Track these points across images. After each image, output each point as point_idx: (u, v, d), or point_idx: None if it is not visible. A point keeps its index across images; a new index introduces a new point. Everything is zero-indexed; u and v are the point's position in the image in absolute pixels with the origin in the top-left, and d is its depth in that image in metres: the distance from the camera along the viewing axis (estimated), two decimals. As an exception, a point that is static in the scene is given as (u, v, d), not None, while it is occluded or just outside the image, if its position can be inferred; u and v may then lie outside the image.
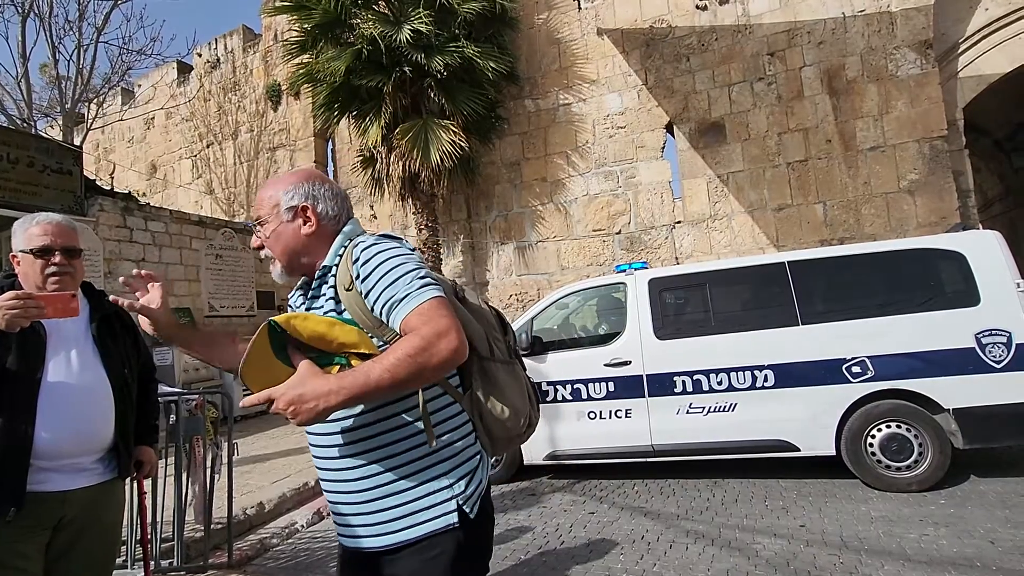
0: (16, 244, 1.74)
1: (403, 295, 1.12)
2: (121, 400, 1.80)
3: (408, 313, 1.10)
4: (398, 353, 1.06)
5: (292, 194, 1.30)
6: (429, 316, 1.09)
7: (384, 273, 1.15)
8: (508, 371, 1.33)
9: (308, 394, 1.04)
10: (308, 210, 1.29)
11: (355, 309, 1.19)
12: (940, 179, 6.64)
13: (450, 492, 1.19)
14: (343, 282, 1.21)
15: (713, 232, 7.66)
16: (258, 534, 3.81)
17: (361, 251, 1.19)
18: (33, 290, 1.65)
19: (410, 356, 1.05)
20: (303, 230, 1.29)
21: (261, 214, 1.32)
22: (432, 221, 8.52)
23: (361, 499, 1.20)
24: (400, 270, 1.15)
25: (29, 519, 1.57)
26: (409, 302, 1.11)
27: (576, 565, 3.08)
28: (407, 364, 1.05)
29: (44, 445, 1.60)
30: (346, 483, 1.22)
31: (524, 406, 1.34)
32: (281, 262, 1.32)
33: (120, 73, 11.34)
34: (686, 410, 4.16)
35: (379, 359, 1.07)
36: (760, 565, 2.91)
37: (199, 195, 12.23)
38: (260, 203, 1.33)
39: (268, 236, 1.31)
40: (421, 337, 1.06)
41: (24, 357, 1.61)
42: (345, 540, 1.27)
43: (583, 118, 8.48)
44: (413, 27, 7.62)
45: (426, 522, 1.17)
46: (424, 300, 1.11)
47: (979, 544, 2.94)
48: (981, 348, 3.63)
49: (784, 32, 7.36)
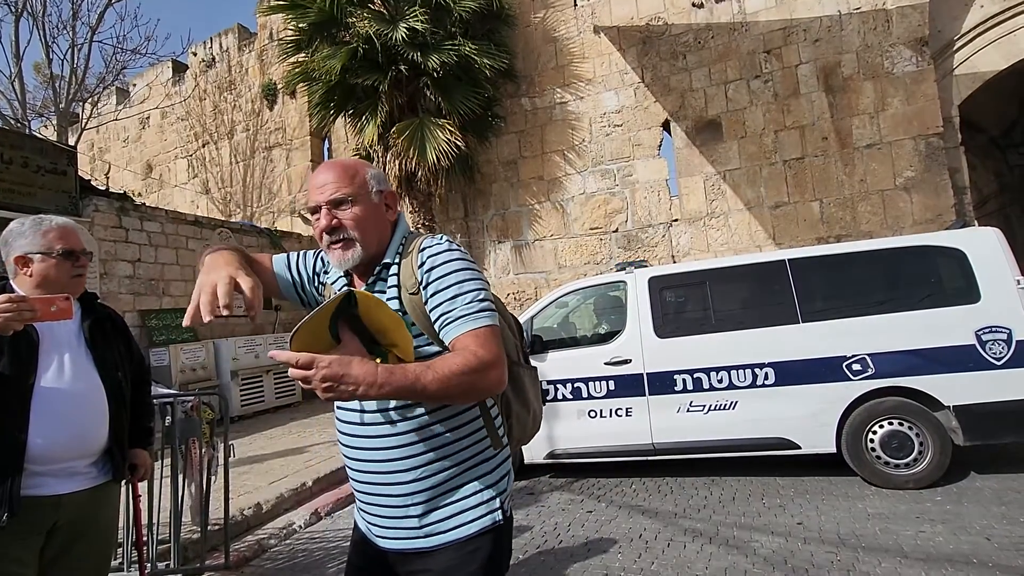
0: (25, 246, 1.72)
1: (462, 314, 1.12)
2: (115, 403, 1.79)
3: (463, 333, 1.11)
4: (453, 366, 1.05)
5: (379, 177, 1.27)
6: (485, 342, 1.10)
7: (449, 285, 1.15)
8: (531, 375, 1.37)
9: (352, 376, 0.99)
10: (393, 197, 1.30)
11: (418, 314, 1.17)
12: (936, 176, 6.65)
13: (496, 490, 1.21)
14: (407, 285, 1.18)
15: (710, 230, 7.67)
16: (256, 535, 3.80)
17: (429, 257, 1.18)
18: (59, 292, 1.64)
19: (464, 373, 1.05)
20: (387, 215, 1.28)
21: (347, 191, 1.20)
22: (429, 220, 8.51)
23: (416, 500, 1.18)
24: (465, 286, 1.15)
25: (23, 524, 1.56)
26: (466, 323, 1.11)
27: (574, 564, 3.08)
28: (459, 379, 1.05)
29: (38, 449, 1.59)
30: (398, 485, 1.18)
31: (539, 410, 1.39)
32: (366, 247, 1.22)
33: (115, 72, 11.28)
34: (687, 408, 4.16)
35: (432, 365, 1.05)
36: (758, 563, 2.91)
37: (195, 195, 12.19)
38: (338, 181, 1.21)
39: (356, 216, 1.20)
40: (478, 358, 1.07)
41: (17, 361, 1.60)
42: (381, 541, 1.22)
43: (580, 116, 8.47)
44: (409, 25, 7.60)
45: (476, 520, 1.18)
46: (481, 326, 1.12)
47: (975, 540, 2.94)
48: (981, 345, 3.64)
49: (780, 30, 7.37)
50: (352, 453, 1.24)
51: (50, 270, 1.73)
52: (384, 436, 1.19)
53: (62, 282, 1.74)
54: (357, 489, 1.26)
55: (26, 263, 1.72)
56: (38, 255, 1.72)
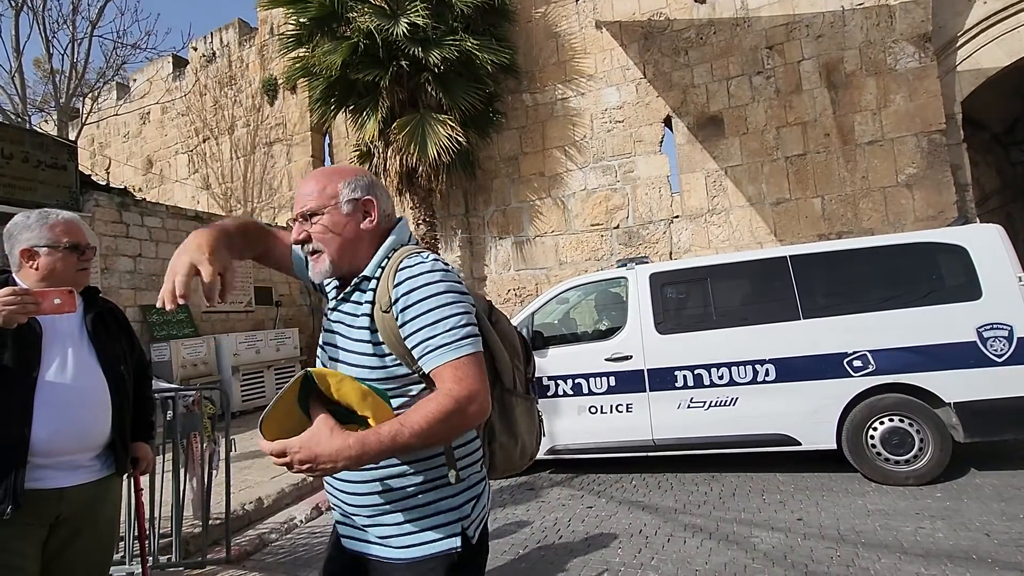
0: (32, 240, 1.72)
1: (441, 343, 1.08)
2: (118, 397, 1.80)
3: (443, 364, 1.08)
4: (428, 415, 1.03)
5: (354, 185, 1.24)
6: (464, 375, 1.07)
7: (427, 310, 1.10)
8: (526, 406, 1.31)
9: (324, 456, 1.00)
10: (372, 204, 1.24)
11: (388, 333, 1.14)
12: (938, 173, 6.64)
13: (457, 515, 1.17)
14: (381, 302, 1.15)
15: (711, 226, 7.66)
16: (257, 529, 3.81)
17: (407, 278, 1.13)
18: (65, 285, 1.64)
19: (440, 420, 1.03)
20: (363, 224, 1.23)
21: (312, 205, 1.21)
22: (430, 216, 8.49)
23: (370, 512, 1.19)
24: (444, 312, 1.10)
25: (26, 517, 1.57)
26: (446, 353, 1.08)
27: (574, 559, 3.08)
28: (436, 428, 1.03)
29: (41, 442, 1.59)
30: (356, 496, 1.19)
31: (531, 444, 1.33)
32: (331, 258, 1.21)
33: (115, 67, 11.24)
34: (687, 404, 4.16)
35: (406, 419, 1.03)
36: (758, 558, 2.92)
37: (196, 190, 12.18)
38: (310, 194, 1.22)
39: (323, 228, 1.21)
40: (454, 400, 1.04)
41: (21, 354, 1.60)
42: (345, 541, 1.25)
43: (581, 112, 8.45)
44: (410, 20, 7.57)
45: (430, 543, 1.15)
46: (461, 355, 1.08)
47: (975, 537, 2.95)
48: (982, 342, 3.64)
49: (783, 25, 7.34)
50: None
51: (56, 263, 1.73)
52: None
53: (68, 275, 1.74)
54: (330, 491, 1.26)
55: (32, 256, 1.72)
56: (45, 248, 1.72)
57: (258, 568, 3.26)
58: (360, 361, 1.17)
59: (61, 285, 1.64)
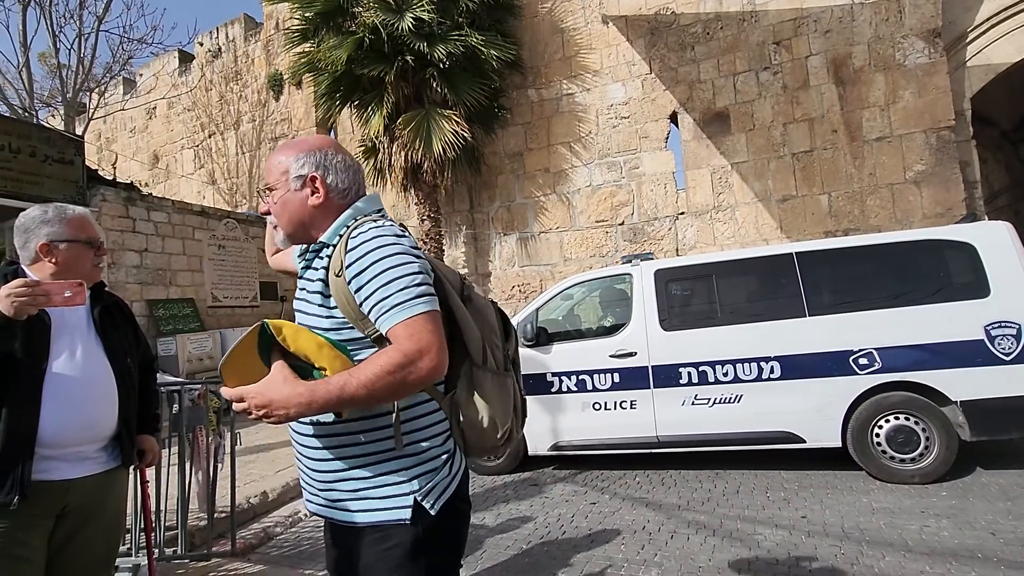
0: (52, 234, 1.72)
1: (395, 303, 1.09)
2: (124, 389, 1.81)
3: (396, 323, 1.09)
4: (376, 368, 1.05)
5: (303, 162, 1.26)
6: (415, 331, 1.08)
7: (378, 272, 1.11)
8: (497, 382, 1.28)
9: (278, 401, 1.06)
10: (317, 180, 1.25)
11: (341, 297, 1.16)
12: (947, 170, 6.58)
13: (408, 487, 1.18)
14: (334, 266, 1.18)
15: (716, 223, 7.62)
16: (262, 523, 3.84)
17: (358, 242, 1.15)
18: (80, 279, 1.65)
19: (389, 372, 1.05)
20: (310, 200, 1.25)
21: (270, 181, 1.30)
22: (434, 212, 8.50)
23: (322, 477, 1.23)
24: (395, 272, 1.11)
25: (33, 508, 1.58)
26: (399, 312, 1.09)
27: (578, 554, 3.09)
28: (385, 380, 1.05)
29: (49, 434, 1.60)
30: (315, 460, 1.24)
31: (507, 419, 1.30)
32: (284, 231, 1.31)
33: (121, 62, 11.27)
34: (691, 401, 4.15)
35: (356, 371, 1.06)
36: (761, 556, 2.91)
37: (201, 185, 12.22)
38: (269, 169, 1.30)
39: (275, 203, 1.29)
40: (403, 353, 1.05)
41: (29, 346, 1.61)
42: (311, 505, 1.30)
43: (586, 108, 8.42)
44: (415, 15, 7.55)
45: (378, 511, 1.18)
46: (415, 313, 1.09)
47: (980, 536, 2.94)
48: (990, 340, 3.61)
49: (790, 20, 7.28)
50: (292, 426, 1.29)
51: (76, 258, 1.75)
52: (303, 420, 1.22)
53: (84, 270, 1.76)
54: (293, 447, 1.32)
55: (51, 251, 1.73)
56: (65, 243, 1.73)
57: (263, 561, 3.28)
58: (315, 323, 1.20)
59: (76, 279, 1.65)
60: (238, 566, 3.12)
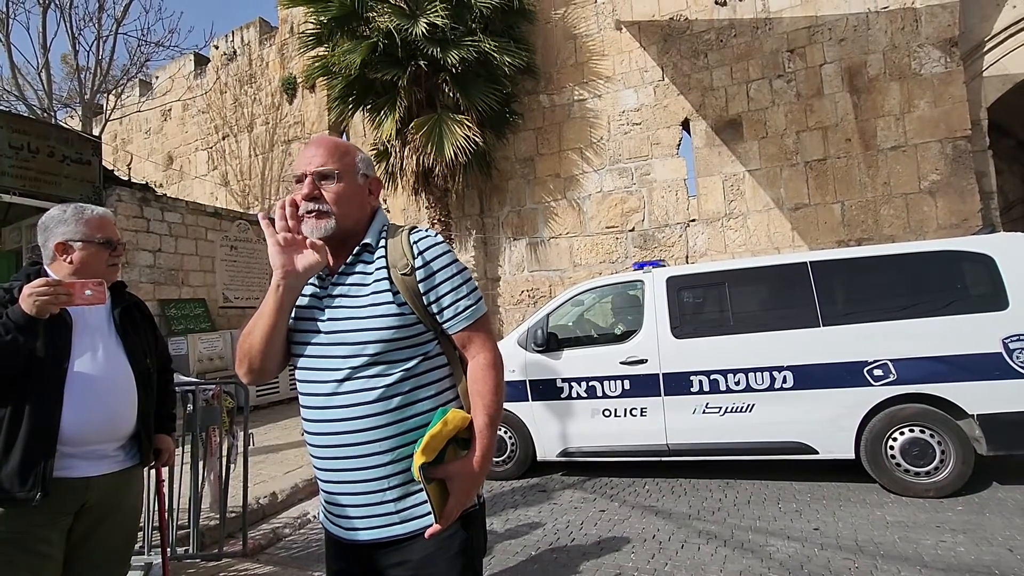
0: (67, 233, 1.75)
1: (469, 304, 1.25)
2: (143, 389, 1.82)
3: (473, 322, 1.25)
4: (490, 376, 1.23)
5: (368, 162, 1.35)
6: (486, 336, 1.26)
7: (452, 275, 1.25)
8: None
9: (472, 489, 1.19)
10: (378, 184, 1.38)
11: (409, 294, 1.23)
12: (962, 180, 6.51)
13: None
14: (398, 265, 1.24)
15: (728, 231, 7.59)
16: (271, 523, 3.85)
17: (427, 246, 1.26)
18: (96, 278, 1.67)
19: (498, 369, 1.25)
20: (369, 200, 1.34)
21: (332, 167, 1.25)
22: (445, 216, 8.52)
23: (393, 482, 1.18)
24: (463, 276, 1.27)
25: (53, 505, 1.60)
26: (474, 314, 1.25)
27: (587, 562, 3.07)
28: (500, 377, 1.24)
29: (70, 432, 1.62)
30: (374, 468, 1.18)
31: None
32: (341, 221, 1.25)
33: (138, 64, 11.42)
34: (702, 410, 4.12)
35: (479, 394, 1.22)
36: (773, 567, 2.88)
37: (214, 187, 12.33)
38: (329, 155, 1.26)
39: (338, 192, 1.25)
40: (493, 349, 1.26)
41: (52, 345, 1.63)
42: (354, 533, 1.21)
43: (598, 114, 8.42)
44: (429, 20, 7.60)
45: None
46: (482, 314, 1.27)
47: (997, 552, 2.89)
48: (1008, 353, 3.56)
49: (805, 28, 7.25)
50: (321, 439, 1.22)
51: (90, 257, 1.77)
52: (360, 404, 1.18)
53: (100, 269, 1.78)
54: (326, 479, 1.23)
55: (67, 250, 1.75)
56: (79, 243, 1.75)
57: (272, 562, 3.28)
58: (380, 322, 1.20)
59: (92, 278, 1.67)
60: (248, 566, 3.13)
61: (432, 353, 1.25)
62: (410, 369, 1.21)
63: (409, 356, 1.21)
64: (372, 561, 1.21)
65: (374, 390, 1.18)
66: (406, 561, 1.19)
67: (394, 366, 1.19)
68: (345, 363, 1.19)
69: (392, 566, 1.20)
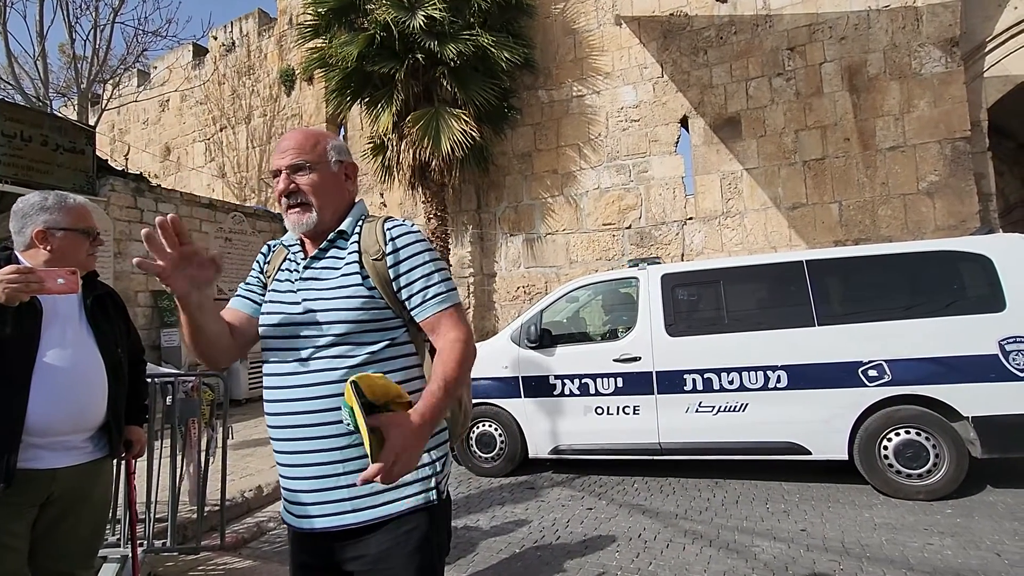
0: (49, 221, 1.71)
1: (440, 292, 1.23)
2: (113, 379, 1.79)
3: (442, 311, 1.23)
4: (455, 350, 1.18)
5: (340, 148, 1.32)
6: (458, 319, 1.23)
7: (422, 263, 1.24)
8: None
9: (409, 451, 1.04)
10: (354, 168, 1.35)
11: (380, 280, 1.23)
12: (961, 181, 6.47)
13: (432, 470, 1.21)
14: (370, 251, 1.24)
15: (725, 229, 7.54)
16: (255, 517, 3.82)
17: (399, 233, 1.26)
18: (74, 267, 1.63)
19: (467, 343, 1.20)
20: (347, 186, 1.33)
21: (304, 158, 1.25)
22: (441, 210, 8.47)
23: (350, 467, 1.15)
24: (435, 265, 1.26)
25: (18, 496, 1.56)
26: (444, 301, 1.23)
27: (571, 560, 3.04)
28: (466, 352, 1.19)
29: (36, 422, 1.59)
30: (333, 451, 1.15)
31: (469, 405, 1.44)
32: (321, 213, 1.26)
33: (136, 54, 11.39)
34: (695, 409, 4.09)
35: (442, 363, 1.16)
36: (758, 568, 2.85)
37: (211, 178, 12.28)
38: (300, 148, 1.26)
39: (314, 183, 1.25)
40: (463, 341, 1.20)
41: (20, 333, 1.60)
42: (309, 521, 1.19)
43: (596, 110, 8.37)
44: (427, 14, 7.54)
45: (407, 498, 1.17)
46: (453, 303, 1.25)
47: (984, 556, 2.86)
48: (1004, 355, 3.52)
49: (805, 26, 7.19)
50: (280, 419, 1.20)
51: (71, 246, 1.75)
52: (321, 384, 1.16)
53: (79, 259, 1.76)
54: (284, 463, 1.21)
55: (47, 238, 1.72)
56: (62, 231, 1.73)
57: (253, 556, 3.26)
58: (347, 303, 1.20)
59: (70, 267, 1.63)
60: (227, 560, 3.10)
61: (399, 340, 1.25)
62: (375, 352, 1.20)
63: (375, 340, 1.21)
64: (331, 554, 1.20)
65: (336, 370, 1.17)
66: (363, 555, 1.17)
67: (359, 348, 1.19)
68: (309, 343, 1.20)
69: (350, 559, 1.19)
